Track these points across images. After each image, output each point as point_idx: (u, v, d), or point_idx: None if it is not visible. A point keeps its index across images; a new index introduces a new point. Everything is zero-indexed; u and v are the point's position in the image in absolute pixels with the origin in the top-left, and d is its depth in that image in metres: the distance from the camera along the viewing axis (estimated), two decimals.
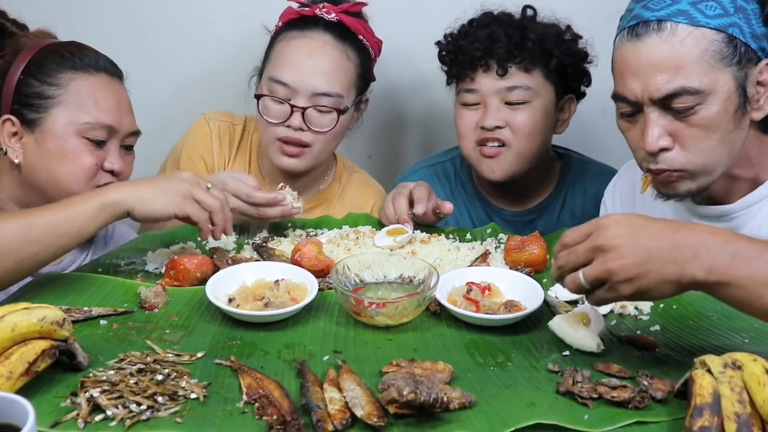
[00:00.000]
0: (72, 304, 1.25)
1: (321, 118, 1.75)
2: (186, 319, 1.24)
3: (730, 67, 1.31)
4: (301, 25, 1.77)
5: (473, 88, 1.79)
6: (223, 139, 1.89)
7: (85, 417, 0.95)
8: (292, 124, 1.74)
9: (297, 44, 1.76)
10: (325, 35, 1.76)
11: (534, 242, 1.46)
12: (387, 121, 2.33)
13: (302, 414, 0.97)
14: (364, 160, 2.33)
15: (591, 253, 1.04)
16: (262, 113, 1.76)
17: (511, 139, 1.78)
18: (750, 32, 1.31)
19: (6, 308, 1.01)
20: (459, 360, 1.14)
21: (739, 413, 0.91)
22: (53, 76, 1.51)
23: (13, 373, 0.97)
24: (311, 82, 1.73)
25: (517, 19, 1.82)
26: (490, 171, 1.81)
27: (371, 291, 1.32)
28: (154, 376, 1.03)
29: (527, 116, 1.78)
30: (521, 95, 1.76)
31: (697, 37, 1.30)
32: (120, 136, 1.55)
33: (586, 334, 1.17)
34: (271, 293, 1.27)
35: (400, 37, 2.17)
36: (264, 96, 1.76)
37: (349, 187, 1.95)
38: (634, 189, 1.67)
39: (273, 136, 1.77)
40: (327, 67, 1.74)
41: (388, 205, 1.63)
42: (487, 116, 1.77)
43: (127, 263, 1.47)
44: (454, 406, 0.96)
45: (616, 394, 1.02)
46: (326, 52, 1.75)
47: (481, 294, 1.30)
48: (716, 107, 1.31)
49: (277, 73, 1.74)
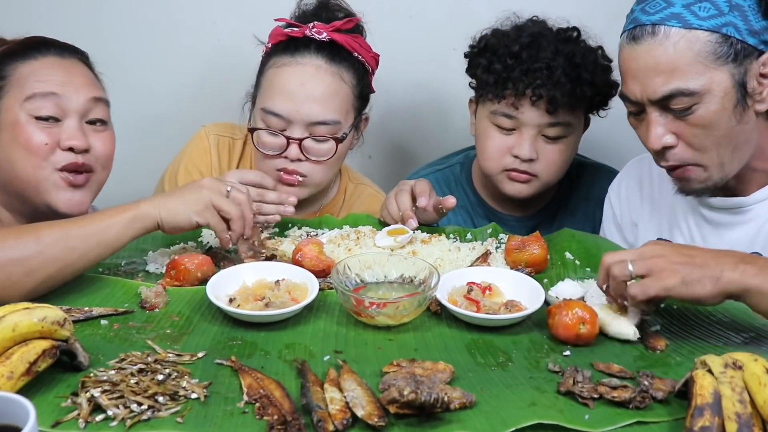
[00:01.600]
0: (72, 304, 1.25)
1: (319, 147, 1.67)
2: (187, 319, 1.24)
3: (727, 66, 1.33)
4: (291, 49, 1.67)
5: (514, 116, 1.73)
6: (222, 154, 1.82)
7: (86, 417, 0.95)
8: (290, 156, 1.66)
9: (288, 72, 1.66)
10: (317, 59, 1.66)
11: (535, 242, 1.46)
12: (387, 121, 2.33)
13: (303, 414, 0.97)
14: (364, 160, 2.33)
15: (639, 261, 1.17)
16: (257, 147, 1.69)
17: (542, 171, 1.78)
18: (747, 29, 1.32)
19: (7, 308, 1.01)
20: (459, 360, 1.14)
21: (740, 413, 0.91)
22: (1, 71, 1.49)
23: (14, 372, 0.97)
24: (306, 112, 1.64)
25: (565, 46, 1.73)
26: (516, 192, 1.80)
27: (372, 291, 1.32)
28: (154, 376, 1.03)
29: (560, 151, 1.77)
30: (560, 131, 1.75)
31: (690, 40, 1.32)
32: (76, 110, 1.49)
33: (624, 323, 1.19)
34: (272, 293, 1.27)
35: (402, 36, 2.18)
36: (258, 129, 1.68)
37: (354, 199, 1.90)
38: (641, 183, 1.69)
39: (271, 168, 1.69)
40: (321, 93, 1.65)
41: (391, 203, 1.63)
42: (523, 146, 1.74)
43: (128, 263, 1.47)
44: (454, 406, 0.97)
45: (616, 394, 1.02)
46: (320, 78, 1.66)
47: (481, 294, 1.30)
48: (714, 106, 1.34)
49: (270, 104, 1.66)
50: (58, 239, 1.24)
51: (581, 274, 1.46)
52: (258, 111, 1.70)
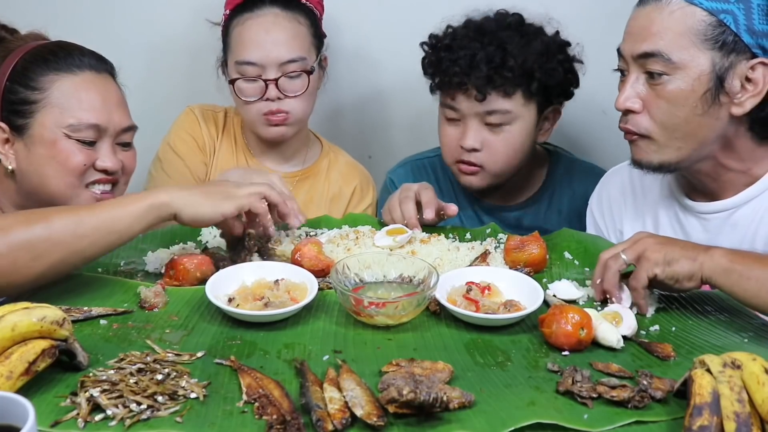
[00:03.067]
0: (72, 304, 1.25)
1: (293, 83, 1.86)
2: (186, 319, 1.24)
3: (711, 51, 1.35)
4: (249, 7, 1.87)
5: (454, 106, 1.81)
6: (208, 122, 2.00)
7: (85, 416, 0.95)
8: (270, 96, 1.84)
9: (252, 24, 1.86)
10: (273, 9, 1.87)
11: (534, 242, 1.46)
12: (387, 120, 2.33)
13: (302, 413, 0.97)
14: (364, 160, 2.32)
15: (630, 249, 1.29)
16: (239, 95, 1.87)
17: (487, 161, 1.82)
18: (746, 25, 1.33)
19: (6, 308, 1.01)
20: (459, 360, 1.14)
21: (739, 412, 0.91)
22: (35, 80, 1.50)
23: (13, 372, 0.97)
24: (276, 54, 1.83)
25: (501, 33, 1.77)
26: (468, 185, 1.88)
27: (371, 291, 1.32)
28: (154, 375, 1.03)
29: (504, 140, 1.80)
30: (500, 119, 1.78)
31: (686, 13, 1.36)
32: (111, 133, 1.54)
33: (608, 329, 1.18)
34: (271, 293, 1.27)
35: (400, 36, 2.17)
36: (237, 79, 1.86)
37: (335, 165, 2.05)
38: (623, 192, 1.69)
39: (256, 113, 1.87)
40: (285, 36, 1.85)
41: (395, 210, 1.63)
42: (466, 136, 1.80)
43: (127, 263, 1.47)
44: (453, 405, 0.97)
45: (615, 394, 1.02)
46: (280, 24, 1.86)
47: (480, 294, 1.30)
48: (683, 84, 1.38)
49: (243, 55, 1.84)
50: (67, 225, 1.23)
51: (580, 274, 1.46)
52: (232, 67, 1.87)
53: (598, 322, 1.19)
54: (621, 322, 1.23)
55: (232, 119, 2.03)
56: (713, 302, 1.34)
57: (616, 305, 1.28)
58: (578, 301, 1.34)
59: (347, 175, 2.04)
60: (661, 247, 1.26)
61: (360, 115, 2.33)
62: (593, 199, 1.76)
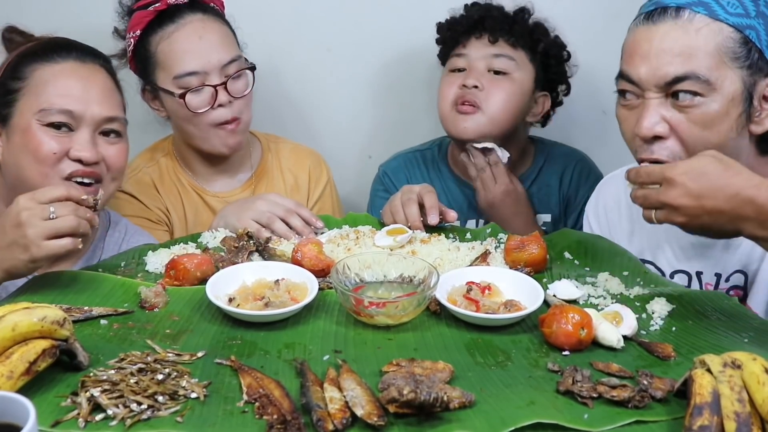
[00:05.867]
0: (72, 303, 1.25)
1: (239, 83, 1.81)
2: (186, 319, 1.24)
3: (741, 70, 1.30)
4: (167, 20, 1.77)
5: (463, 53, 1.92)
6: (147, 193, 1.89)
7: (86, 416, 0.95)
8: (221, 102, 1.77)
9: (182, 34, 1.77)
10: (195, 15, 1.79)
11: (534, 242, 1.46)
12: (387, 120, 2.33)
13: (302, 413, 0.97)
14: (364, 160, 2.33)
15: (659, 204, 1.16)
16: (190, 109, 1.76)
17: (485, 102, 1.88)
18: (767, 40, 1.30)
19: (6, 308, 1.01)
20: (459, 359, 1.14)
21: (739, 412, 0.91)
22: (19, 71, 1.49)
23: (14, 372, 0.97)
24: (216, 58, 1.76)
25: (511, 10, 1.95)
26: (463, 129, 1.90)
27: (371, 290, 1.31)
28: (154, 375, 1.03)
29: (505, 86, 1.89)
30: (505, 64, 1.89)
31: (714, 30, 1.29)
32: (89, 122, 1.48)
33: (608, 329, 1.18)
34: (272, 293, 1.27)
35: (400, 36, 2.18)
36: (185, 93, 1.75)
37: (281, 155, 2.00)
38: (619, 200, 1.64)
39: (207, 126, 1.79)
40: (218, 38, 1.79)
41: (399, 212, 1.63)
42: (470, 75, 1.89)
43: (127, 263, 1.47)
44: (454, 405, 0.97)
45: (615, 394, 1.02)
46: (209, 27, 1.79)
47: (481, 294, 1.30)
48: (718, 106, 1.30)
49: (182, 68, 1.76)
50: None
51: (581, 273, 1.46)
52: (169, 83, 1.77)
53: (599, 322, 1.19)
54: (621, 321, 1.23)
55: (165, 164, 1.92)
56: (713, 302, 1.34)
57: (617, 305, 1.28)
58: (578, 300, 1.34)
59: (297, 162, 2.00)
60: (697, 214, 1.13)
61: (360, 115, 2.33)
62: (590, 206, 1.73)
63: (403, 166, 2.08)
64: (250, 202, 1.63)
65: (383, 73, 2.26)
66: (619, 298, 1.34)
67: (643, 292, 1.36)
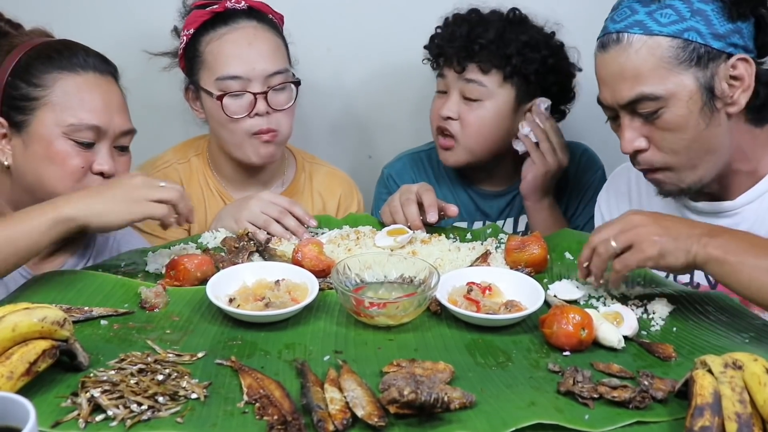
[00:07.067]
0: (72, 303, 1.25)
1: (281, 96, 1.79)
2: (186, 319, 1.24)
3: (690, 69, 1.36)
4: (221, 22, 1.78)
5: (443, 74, 1.91)
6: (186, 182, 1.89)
7: (86, 417, 0.95)
8: (259, 111, 1.76)
9: (232, 37, 1.76)
10: (251, 22, 1.79)
11: (534, 242, 1.46)
12: (387, 120, 2.33)
13: (303, 414, 0.97)
14: (364, 160, 2.33)
15: (621, 235, 1.25)
16: (227, 113, 1.75)
17: (460, 133, 1.88)
18: (710, 33, 1.35)
19: (6, 308, 1.01)
20: (459, 360, 1.14)
21: (740, 413, 0.91)
22: (38, 77, 1.49)
23: (14, 373, 0.97)
24: (262, 67, 1.75)
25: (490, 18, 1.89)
26: (444, 159, 1.95)
27: (372, 291, 1.31)
28: (154, 376, 1.03)
29: (478, 116, 1.87)
30: (476, 91, 1.85)
31: (652, 46, 1.36)
32: (110, 136, 1.52)
33: (609, 329, 1.18)
34: (272, 293, 1.27)
35: (400, 36, 2.17)
36: (223, 96, 1.74)
37: (315, 177, 1.98)
38: (629, 191, 1.69)
39: (242, 134, 1.78)
40: (268, 48, 1.78)
41: (398, 212, 1.62)
42: (445, 104, 1.89)
43: (128, 263, 1.47)
44: (454, 406, 0.97)
45: (616, 394, 1.02)
46: (261, 36, 1.79)
47: (481, 294, 1.30)
48: (680, 110, 1.37)
49: (226, 71, 1.75)
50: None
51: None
52: (212, 85, 1.77)
53: (599, 323, 1.19)
54: (622, 322, 1.23)
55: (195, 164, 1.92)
56: (714, 302, 1.34)
57: (618, 306, 1.28)
58: (579, 301, 1.34)
59: (329, 186, 1.97)
60: (655, 239, 1.22)
61: (360, 115, 2.33)
62: (602, 195, 1.77)
63: (409, 167, 2.05)
64: (245, 202, 1.62)
65: (383, 73, 2.26)
66: (619, 299, 1.34)
67: (644, 292, 1.36)
